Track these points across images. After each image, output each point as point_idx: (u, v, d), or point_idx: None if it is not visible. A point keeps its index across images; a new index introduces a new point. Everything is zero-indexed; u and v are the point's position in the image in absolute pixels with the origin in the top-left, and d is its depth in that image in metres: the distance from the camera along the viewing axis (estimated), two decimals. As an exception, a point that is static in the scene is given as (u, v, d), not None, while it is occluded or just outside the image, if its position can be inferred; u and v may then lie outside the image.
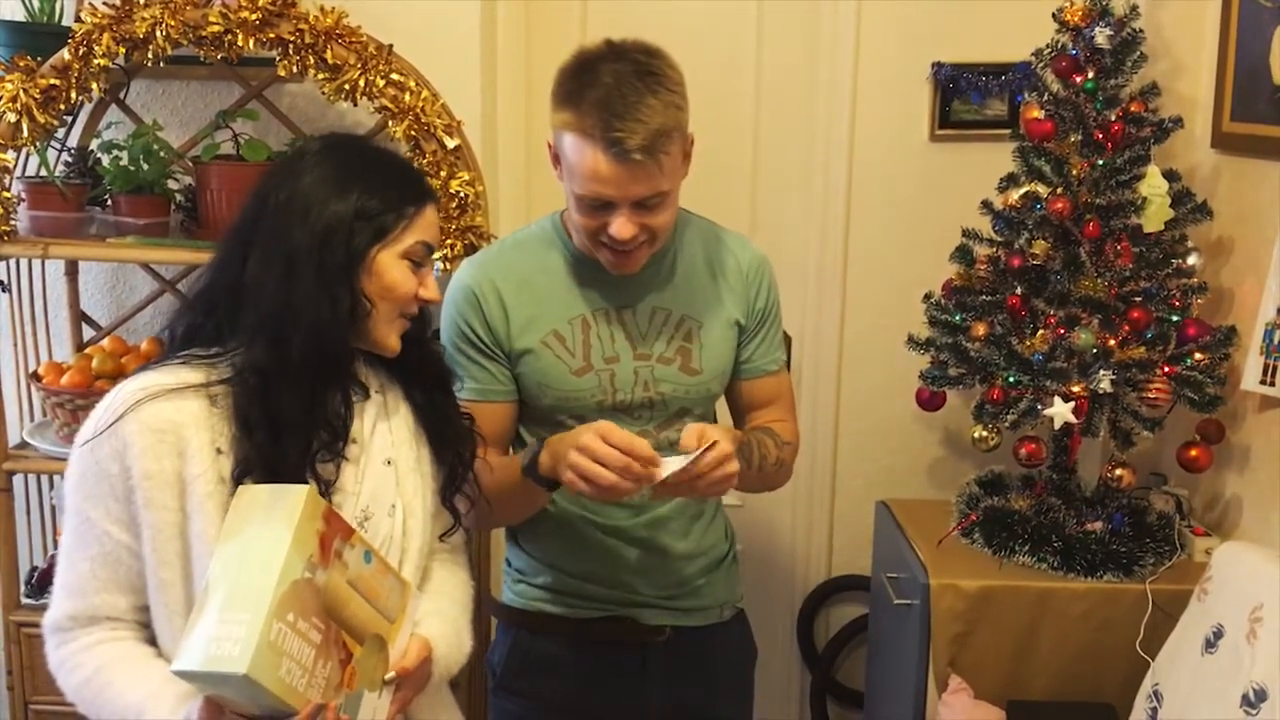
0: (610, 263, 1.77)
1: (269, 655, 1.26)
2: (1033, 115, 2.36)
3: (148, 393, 1.41)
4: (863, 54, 2.80)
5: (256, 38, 2.27)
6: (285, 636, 1.28)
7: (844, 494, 3.01)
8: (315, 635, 1.33)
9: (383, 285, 1.48)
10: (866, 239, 2.88)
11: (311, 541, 1.34)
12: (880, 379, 2.88)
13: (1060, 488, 2.44)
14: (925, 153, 2.83)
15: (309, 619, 1.32)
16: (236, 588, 1.31)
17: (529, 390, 1.85)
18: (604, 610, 1.91)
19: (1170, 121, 2.32)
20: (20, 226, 2.40)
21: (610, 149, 1.62)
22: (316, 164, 1.49)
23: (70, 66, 2.28)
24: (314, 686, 1.31)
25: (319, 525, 1.36)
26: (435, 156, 2.31)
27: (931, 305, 2.51)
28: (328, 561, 1.36)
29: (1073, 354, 2.27)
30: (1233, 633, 1.90)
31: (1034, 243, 2.32)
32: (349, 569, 1.39)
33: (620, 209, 1.68)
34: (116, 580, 1.44)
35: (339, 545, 1.38)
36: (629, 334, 1.84)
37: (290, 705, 1.29)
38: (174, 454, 1.40)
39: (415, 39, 2.44)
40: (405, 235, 1.49)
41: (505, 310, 1.82)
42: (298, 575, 1.32)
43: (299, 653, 1.30)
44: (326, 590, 1.35)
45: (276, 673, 1.27)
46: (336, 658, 1.36)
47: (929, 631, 2.29)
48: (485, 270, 1.85)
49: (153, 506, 1.40)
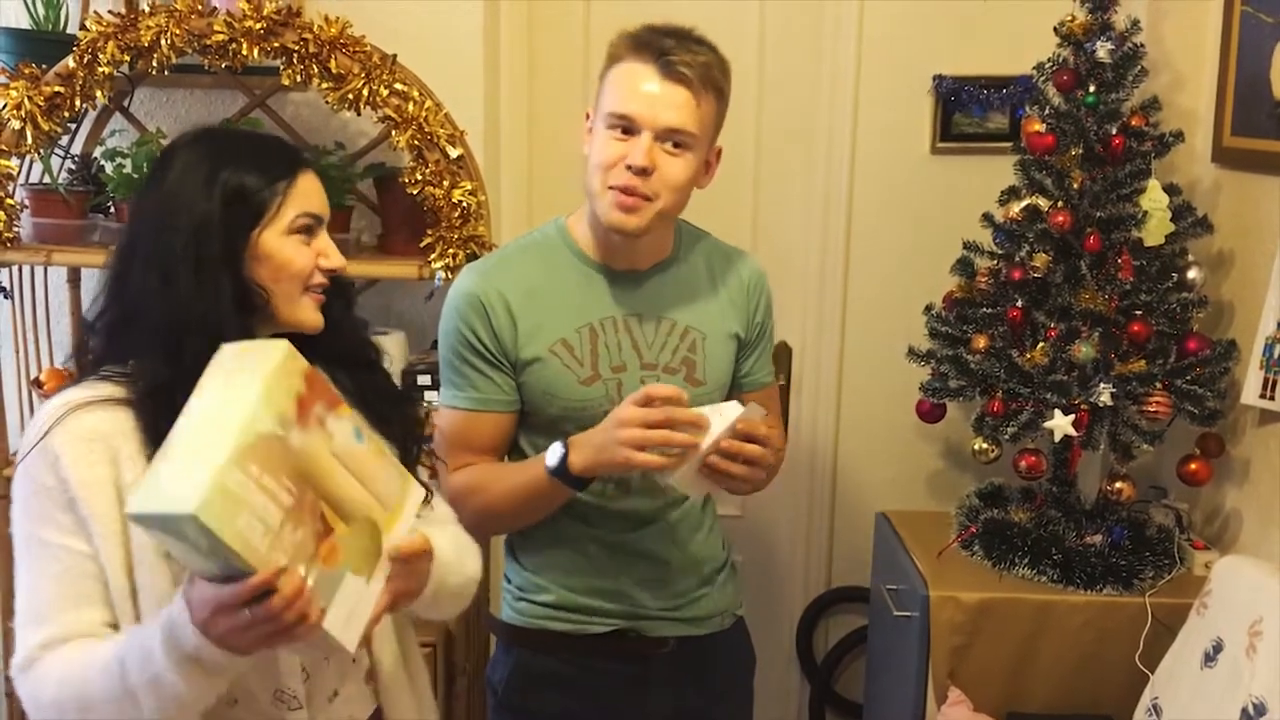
0: (615, 205, 1.73)
1: (225, 502, 1.19)
2: (1034, 128, 2.36)
3: (70, 406, 1.38)
4: (864, 66, 2.81)
5: (261, 47, 2.27)
6: (246, 488, 1.21)
7: (844, 505, 3.01)
8: (285, 497, 1.25)
9: (274, 266, 1.42)
10: (867, 251, 2.89)
11: (286, 399, 1.28)
12: (881, 390, 2.88)
13: (1060, 500, 2.44)
14: (926, 165, 2.84)
15: (277, 477, 1.25)
16: (199, 437, 1.25)
17: (534, 400, 1.83)
18: (608, 625, 1.90)
19: (1171, 135, 2.33)
20: (23, 233, 2.41)
21: (658, 60, 1.69)
22: (177, 162, 1.43)
23: (75, 74, 2.29)
24: (280, 550, 1.23)
25: (297, 384, 1.30)
26: (438, 166, 2.32)
27: (932, 317, 2.52)
28: (306, 424, 1.29)
29: (1073, 367, 2.27)
30: (1232, 647, 1.90)
31: (1035, 255, 2.32)
32: (334, 440, 1.32)
33: (643, 135, 1.70)
34: (84, 595, 1.36)
35: (321, 412, 1.32)
36: (635, 343, 1.84)
37: (248, 562, 1.20)
38: (106, 461, 1.36)
39: (419, 49, 2.45)
40: (284, 210, 1.42)
41: (513, 318, 1.80)
42: (266, 429, 1.25)
43: (262, 510, 1.22)
44: (303, 454, 1.29)
45: (233, 523, 1.19)
46: (311, 527, 1.28)
47: (928, 643, 2.29)
48: (491, 278, 1.83)
49: (96, 516, 1.35)
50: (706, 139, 1.76)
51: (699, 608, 1.95)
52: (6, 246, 2.36)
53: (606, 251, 1.84)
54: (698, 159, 1.75)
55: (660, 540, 1.90)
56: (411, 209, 2.39)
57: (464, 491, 1.80)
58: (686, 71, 1.69)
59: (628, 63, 1.73)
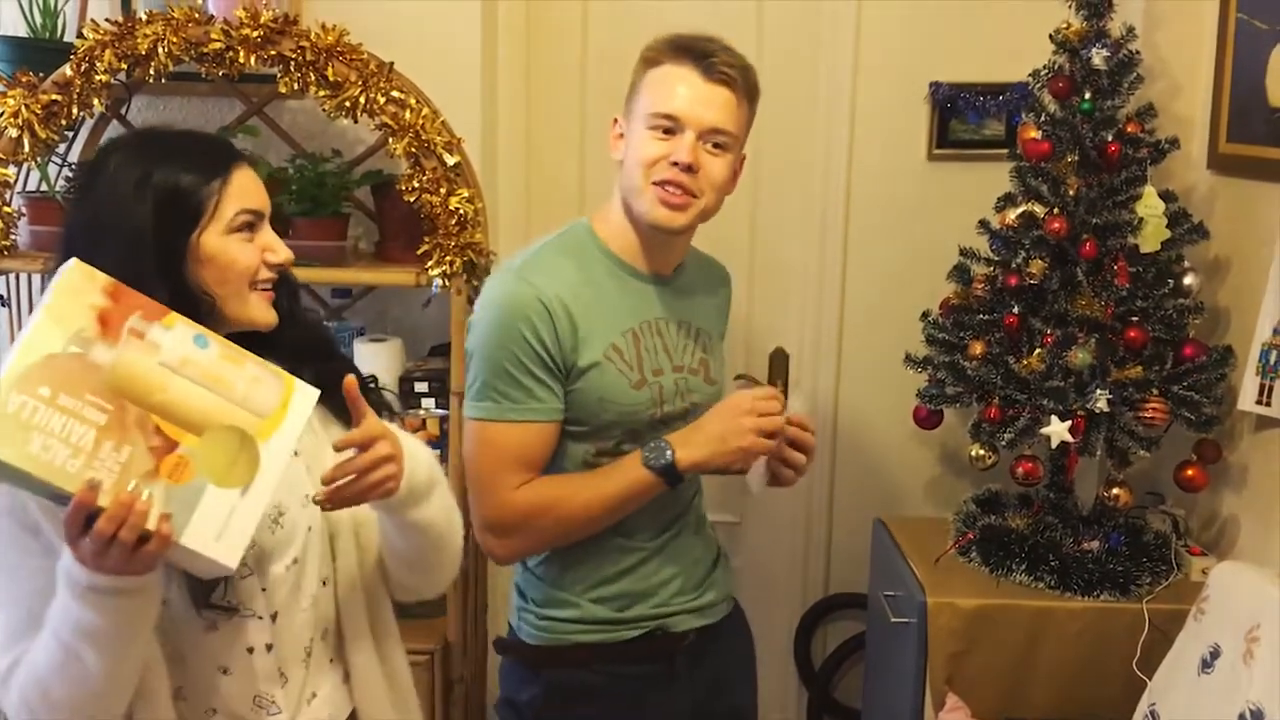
0: (661, 202, 1.74)
1: (9, 429, 1.17)
2: (1030, 135, 2.37)
3: None
4: (861, 74, 2.82)
5: (258, 55, 2.28)
6: (34, 411, 1.18)
7: (841, 511, 3.01)
8: (95, 415, 1.21)
9: (219, 268, 1.38)
10: (865, 257, 2.89)
11: (80, 316, 1.24)
12: (878, 397, 2.88)
13: (1057, 506, 2.44)
14: (923, 172, 2.85)
15: (80, 396, 1.21)
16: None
17: (587, 406, 1.77)
18: (639, 628, 1.88)
19: (1167, 142, 2.33)
20: (20, 241, 2.41)
21: (700, 62, 1.72)
22: (109, 168, 1.39)
23: (72, 82, 2.29)
24: (97, 470, 1.20)
25: (95, 299, 1.25)
26: (435, 173, 2.32)
27: (929, 324, 2.52)
28: (114, 338, 1.24)
29: (1070, 373, 2.28)
30: (1229, 653, 1.90)
31: (1031, 262, 2.33)
32: (162, 350, 1.26)
33: (687, 133, 1.72)
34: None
35: (139, 324, 1.26)
36: (667, 346, 1.85)
37: (59, 486, 1.18)
38: None
39: (416, 57, 2.45)
40: (222, 209, 1.38)
41: (574, 323, 1.75)
42: (55, 349, 1.21)
43: (63, 430, 1.19)
44: (116, 370, 1.24)
45: (25, 449, 1.17)
46: (143, 444, 1.23)
47: (926, 650, 2.29)
48: (544, 282, 1.75)
49: (57, 535, 1.30)
50: (740, 142, 1.80)
51: (710, 595, 1.97)
52: (4, 254, 2.36)
53: (638, 255, 1.83)
54: (732, 161, 1.79)
55: (684, 536, 1.93)
56: (408, 216, 2.40)
57: (537, 511, 1.76)
58: (729, 72, 1.73)
59: (668, 65, 1.75)
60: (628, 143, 1.78)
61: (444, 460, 2.53)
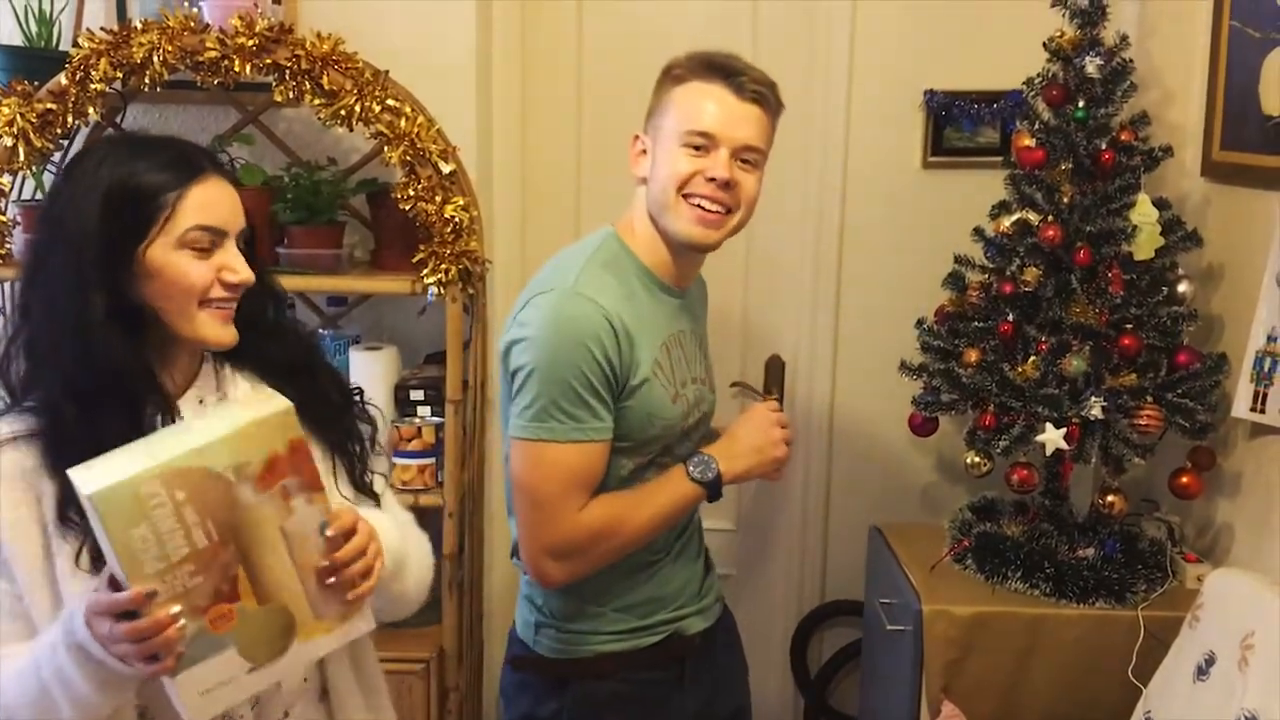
0: (697, 220, 1.75)
1: (128, 504, 1.17)
2: (1024, 143, 2.37)
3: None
4: (856, 82, 2.83)
5: (253, 63, 2.28)
6: (158, 506, 1.18)
7: (837, 519, 3.01)
8: (200, 538, 1.21)
9: (164, 283, 1.34)
10: (860, 265, 2.90)
11: (255, 452, 1.24)
12: (873, 404, 2.89)
13: (1052, 514, 2.44)
14: (918, 180, 2.85)
15: (201, 517, 1.21)
16: (160, 440, 1.24)
17: (636, 422, 1.75)
18: (658, 633, 1.88)
19: (1160, 150, 2.34)
20: (15, 250, 2.41)
21: (730, 81, 1.74)
22: (75, 172, 1.36)
23: (67, 91, 2.30)
24: (165, 582, 1.20)
25: (277, 446, 1.25)
26: (430, 181, 2.32)
27: (924, 331, 2.52)
28: (266, 487, 1.25)
29: (1064, 381, 2.28)
30: (1225, 660, 1.90)
31: (1026, 270, 2.33)
32: (291, 517, 1.27)
33: (721, 150, 1.73)
34: (14, 633, 1.33)
35: (292, 486, 1.27)
36: (687, 357, 1.87)
37: (125, 572, 1.18)
38: (30, 500, 1.32)
39: (411, 65, 2.46)
40: (174, 222, 1.33)
41: (631, 340, 1.73)
42: (213, 465, 1.21)
43: (166, 535, 1.19)
44: (248, 515, 1.24)
45: (127, 529, 1.17)
46: (214, 584, 1.23)
47: (921, 657, 2.29)
48: (607, 298, 1.72)
49: (18, 558, 1.31)
50: (766, 159, 1.81)
51: (711, 594, 2.00)
52: (-2, 263, 2.37)
53: (668, 268, 1.83)
54: (761, 177, 1.81)
55: (694, 538, 1.97)
56: (404, 224, 2.40)
57: (604, 532, 1.74)
58: (760, 90, 1.76)
59: (697, 83, 1.75)
60: (655, 159, 1.78)
61: (438, 468, 2.53)
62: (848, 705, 3.05)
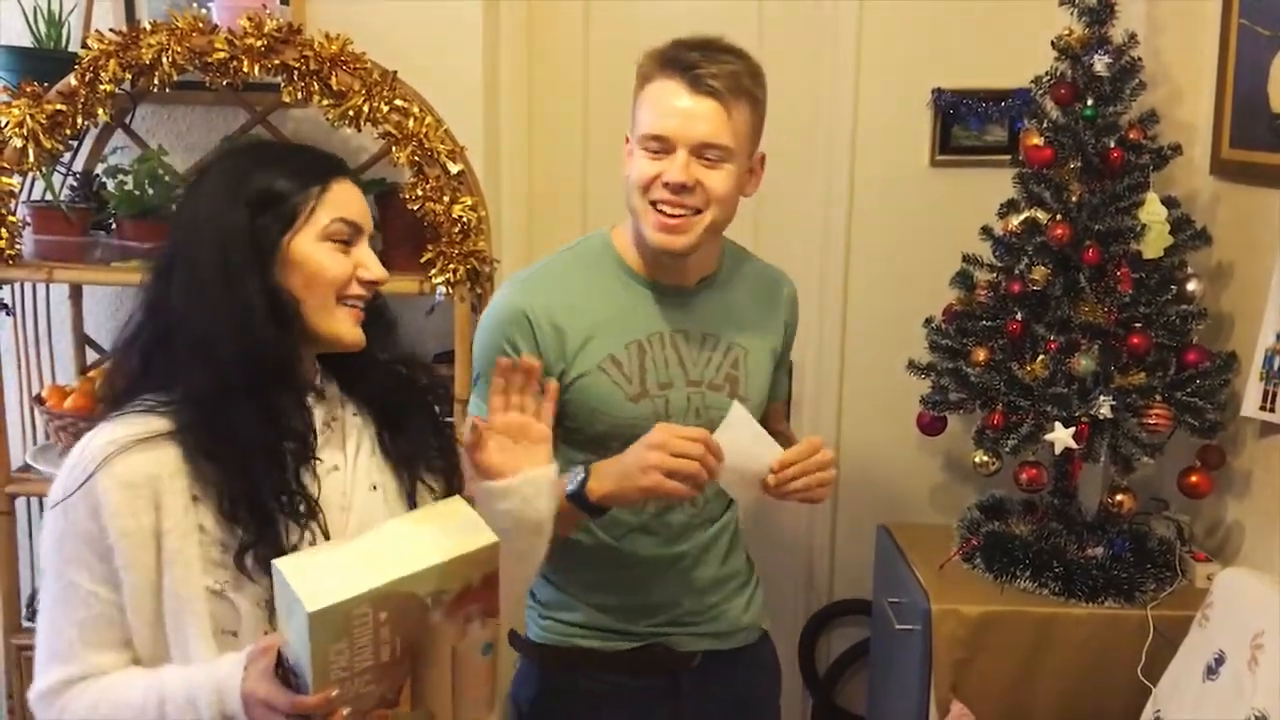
0: (659, 227, 1.72)
1: (339, 622, 1.20)
2: (1032, 142, 2.37)
3: (117, 445, 1.32)
4: (864, 80, 2.82)
5: (261, 64, 2.28)
6: (363, 625, 1.22)
7: (845, 518, 3.01)
8: (384, 654, 1.26)
9: (306, 274, 1.38)
10: (868, 264, 2.89)
11: (457, 582, 1.29)
12: (881, 403, 2.88)
13: (1061, 513, 2.44)
14: (926, 178, 2.85)
15: (393, 636, 1.25)
16: (373, 552, 1.28)
17: (580, 416, 1.79)
18: (638, 641, 1.89)
19: (1169, 148, 2.34)
20: (25, 250, 2.42)
21: (685, 74, 1.69)
22: (211, 173, 1.43)
23: (76, 92, 2.30)
24: (344, 687, 1.23)
25: (474, 577, 1.31)
26: (438, 182, 2.32)
27: (932, 330, 2.52)
28: (453, 614, 1.30)
29: (1073, 379, 2.28)
30: (1234, 659, 1.90)
31: (1034, 268, 2.33)
32: (464, 640, 1.32)
33: (679, 152, 1.69)
34: (109, 640, 1.35)
35: (474, 613, 1.32)
36: (682, 360, 1.83)
37: (311, 679, 1.21)
38: (150, 508, 1.33)
39: (419, 65, 2.46)
40: (317, 215, 1.39)
41: (560, 334, 1.77)
42: (418, 592, 1.26)
43: (359, 650, 1.23)
44: (430, 634, 1.29)
45: (329, 643, 1.21)
46: (382, 692, 1.27)
47: (930, 656, 2.29)
48: (536, 291, 1.79)
49: (132, 567, 1.32)
50: (744, 148, 1.75)
51: (727, 621, 1.95)
52: (8, 264, 2.37)
53: (654, 267, 1.82)
54: (738, 169, 1.75)
55: (694, 556, 1.90)
56: (412, 225, 2.40)
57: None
58: (714, 84, 1.69)
59: (657, 81, 1.72)
60: (628, 162, 1.78)
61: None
62: (856, 704, 3.05)
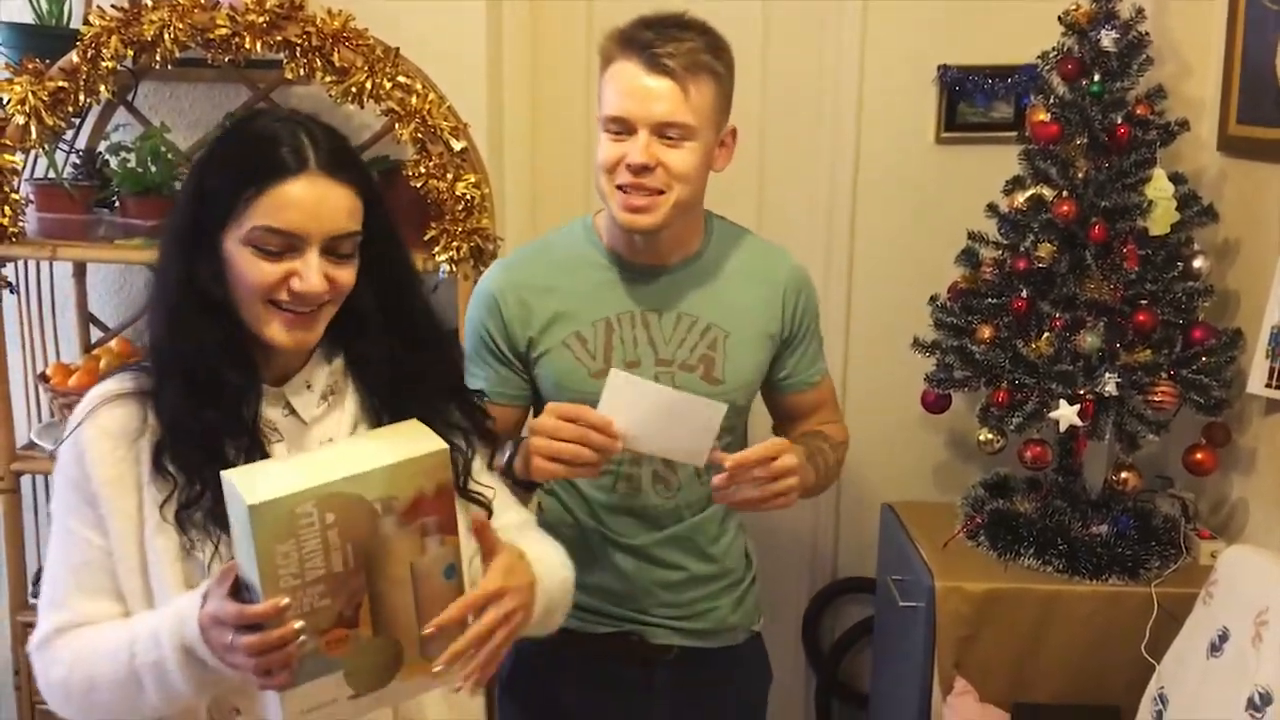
0: (625, 207, 1.72)
1: (282, 520, 1.19)
2: (1038, 118, 2.36)
3: (104, 398, 1.38)
4: (869, 57, 2.81)
5: (264, 40, 2.27)
6: (309, 526, 1.20)
7: (849, 496, 3.01)
8: (337, 562, 1.23)
9: (232, 273, 1.35)
10: (872, 241, 2.88)
11: (405, 488, 1.26)
12: (885, 381, 2.88)
13: (1066, 490, 2.44)
14: (931, 155, 2.83)
15: (343, 542, 1.23)
16: (318, 460, 1.28)
17: (546, 392, 1.84)
18: (613, 626, 1.90)
19: (1176, 124, 2.32)
20: (28, 228, 2.42)
21: (641, 54, 1.69)
22: (208, 146, 1.44)
23: (78, 69, 2.29)
24: (295, 599, 1.21)
25: (426, 486, 1.27)
26: (441, 159, 2.32)
27: (937, 308, 2.51)
28: (406, 523, 1.27)
29: (1078, 357, 2.27)
30: (1238, 636, 1.90)
31: (1039, 246, 2.32)
32: (422, 557, 1.29)
33: (640, 133, 1.70)
34: (101, 588, 1.37)
35: (430, 526, 1.28)
36: (652, 339, 1.83)
37: (260, 583, 1.19)
38: (129, 459, 1.36)
39: (422, 42, 2.44)
40: (243, 219, 1.32)
41: (527, 313, 1.83)
42: (365, 494, 1.24)
43: (308, 555, 1.21)
44: (384, 544, 1.26)
45: (274, 543, 1.19)
46: (339, 608, 1.25)
47: (934, 634, 2.29)
48: (510, 274, 1.87)
49: (116, 514, 1.35)
50: (708, 124, 1.74)
51: (707, 620, 1.94)
52: (12, 241, 2.37)
53: (630, 247, 1.83)
54: (703, 146, 1.74)
55: (676, 546, 1.90)
56: (415, 202, 2.39)
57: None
58: (670, 63, 1.68)
59: (618, 62, 1.73)
60: (597, 150, 1.78)
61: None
62: (860, 682, 3.05)
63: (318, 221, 1.34)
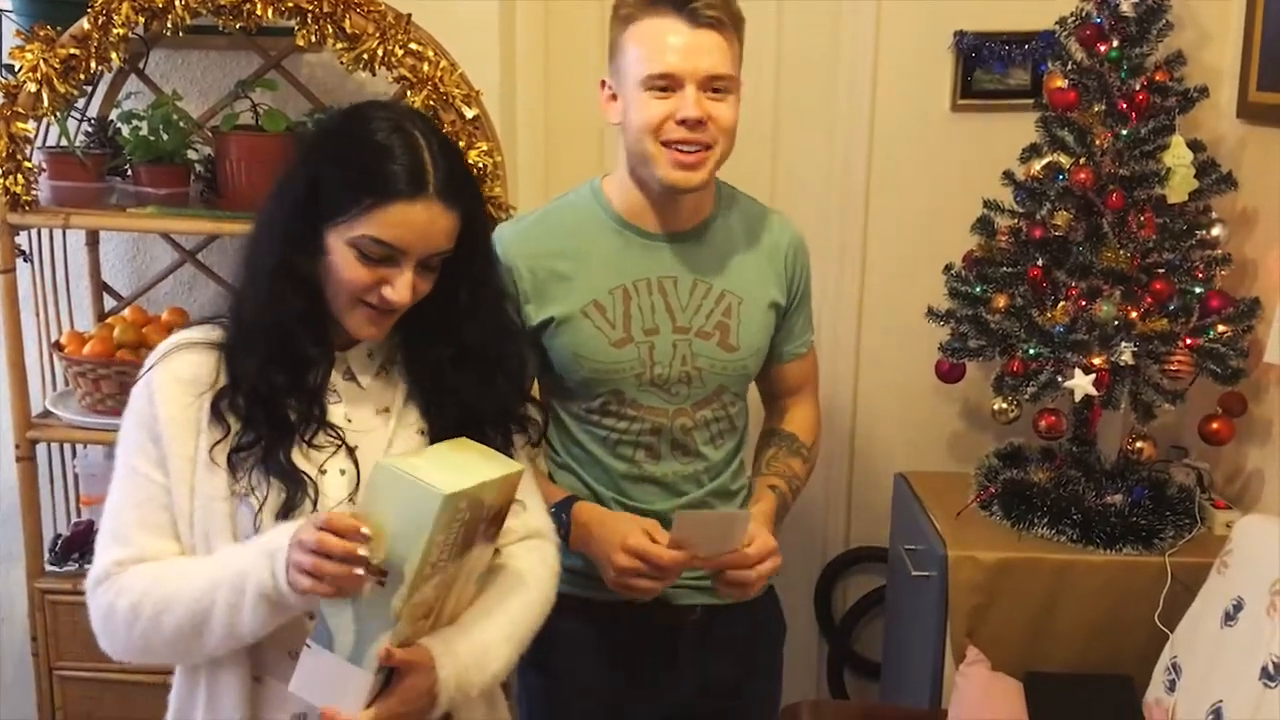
0: (677, 164, 1.70)
1: (451, 512, 1.28)
2: (1056, 85, 2.34)
3: (177, 345, 1.47)
4: (884, 23, 2.78)
5: (275, 7, 2.26)
6: (456, 522, 1.30)
7: (862, 466, 3.00)
8: (453, 556, 1.35)
9: (329, 265, 1.42)
10: (887, 210, 2.87)
11: (499, 500, 1.39)
12: (900, 350, 2.87)
13: (1080, 460, 2.43)
14: (947, 123, 2.81)
15: (460, 539, 1.34)
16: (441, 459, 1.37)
17: (564, 362, 1.81)
18: (608, 594, 1.85)
19: (1195, 91, 2.30)
20: (41, 196, 2.41)
21: (680, 9, 1.67)
22: (330, 121, 1.49)
23: (90, 36, 2.28)
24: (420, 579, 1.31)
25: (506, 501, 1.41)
26: (454, 126, 2.31)
27: (952, 277, 2.50)
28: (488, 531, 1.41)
29: (1094, 326, 2.26)
30: (1253, 606, 1.90)
31: (1056, 214, 2.30)
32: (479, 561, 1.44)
33: (688, 88, 1.68)
34: (164, 526, 1.43)
35: (493, 534, 1.43)
36: (669, 306, 1.82)
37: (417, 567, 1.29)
38: (195, 405, 1.44)
39: (434, 8, 2.43)
40: (356, 224, 1.39)
41: (537, 281, 1.79)
42: (484, 500, 1.35)
43: (445, 547, 1.32)
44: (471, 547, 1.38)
45: (441, 532, 1.29)
46: (431, 603, 1.37)
47: (947, 603, 2.30)
48: (522, 240, 1.83)
49: (176, 455, 1.42)
50: (738, 76, 1.75)
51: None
52: (25, 210, 2.37)
53: (645, 213, 1.81)
54: (738, 98, 1.75)
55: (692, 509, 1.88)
56: (427, 170, 2.39)
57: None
58: (711, 14, 1.68)
59: (647, 19, 1.70)
60: (626, 107, 1.75)
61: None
62: (872, 651, 3.06)
63: (424, 242, 1.42)
